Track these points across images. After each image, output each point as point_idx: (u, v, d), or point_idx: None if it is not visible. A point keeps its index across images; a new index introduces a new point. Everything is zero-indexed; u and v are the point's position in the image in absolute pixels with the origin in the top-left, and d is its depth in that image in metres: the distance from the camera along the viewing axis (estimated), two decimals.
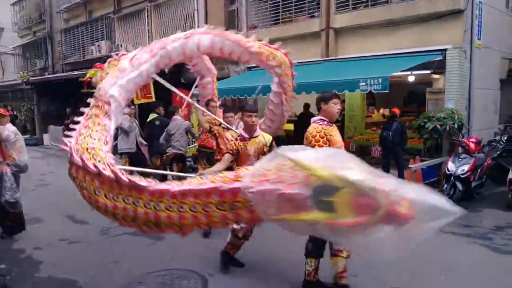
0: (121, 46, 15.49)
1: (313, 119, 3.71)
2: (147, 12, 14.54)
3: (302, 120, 10.16)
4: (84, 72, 14.99)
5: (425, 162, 7.54)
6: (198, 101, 6.43)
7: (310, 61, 9.73)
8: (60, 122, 16.86)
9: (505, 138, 8.05)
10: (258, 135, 4.16)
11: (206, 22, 12.65)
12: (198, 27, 12.62)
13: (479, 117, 8.72)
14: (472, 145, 6.90)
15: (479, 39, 8.42)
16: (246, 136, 4.14)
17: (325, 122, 3.59)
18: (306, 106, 10.92)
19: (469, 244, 5.02)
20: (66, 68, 19.11)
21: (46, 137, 17.81)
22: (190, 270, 4.31)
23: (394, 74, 7.50)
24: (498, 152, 7.75)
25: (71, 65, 18.75)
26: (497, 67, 9.60)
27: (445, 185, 6.76)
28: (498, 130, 9.19)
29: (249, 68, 11.24)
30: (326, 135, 3.46)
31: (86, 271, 4.39)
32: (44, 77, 19.04)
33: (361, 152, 9.69)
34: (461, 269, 4.31)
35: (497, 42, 9.30)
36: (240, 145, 4.09)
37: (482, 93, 8.76)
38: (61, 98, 17.54)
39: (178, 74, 12.43)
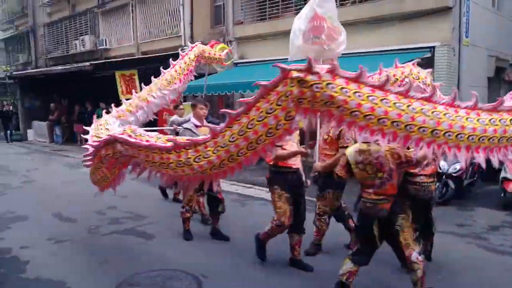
0: (105, 40, 15.24)
1: None
2: (132, 6, 14.33)
3: None
4: (68, 66, 14.78)
5: None
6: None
7: None
8: (44, 117, 16.50)
9: None
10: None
11: (191, 18, 12.51)
12: (183, 22, 12.49)
13: None
14: None
15: (467, 36, 8.49)
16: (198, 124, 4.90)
17: None
18: None
19: (465, 244, 4.97)
20: (50, 63, 18.71)
21: (30, 132, 17.43)
22: (182, 271, 4.19)
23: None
24: None
25: (54, 59, 18.37)
26: (485, 65, 9.71)
27: (437, 184, 6.77)
28: None
29: (236, 64, 11.12)
30: None
31: (75, 271, 4.25)
32: (27, 71, 18.59)
33: None
34: (457, 269, 4.25)
35: (484, 40, 9.40)
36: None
37: (470, 90, 8.82)
38: (45, 94, 17.13)
39: (163, 67, 12.27)
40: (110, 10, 15.46)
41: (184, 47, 9.81)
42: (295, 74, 2.60)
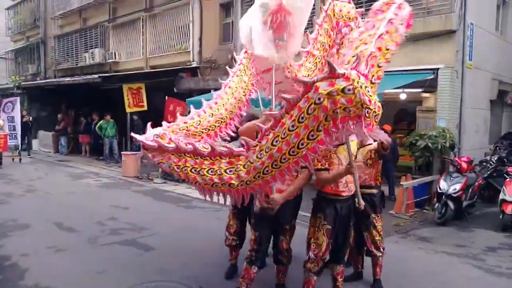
0: (114, 54, 15.53)
1: None
2: (142, 21, 14.62)
3: None
4: (77, 78, 15.00)
5: (416, 180, 7.57)
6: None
7: None
8: (50, 128, 16.67)
9: (495, 158, 8.15)
10: None
11: (201, 34, 12.76)
12: (193, 38, 12.73)
13: (470, 137, 8.84)
14: (464, 165, 6.96)
15: (470, 59, 8.59)
16: None
17: None
18: None
19: (461, 264, 4.99)
20: (58, 74, 19.02)
21: (35, 142, 17.58)
22: (181, 283, 4.21)
23: (386, 91, 7.57)
24: (488, 172, 7.83)
25: (63, 71, 18.67)
26: (487, 88, 9.78)
27: (437, 204, 6.79)
28: (489, 150, 9.31)
29: None
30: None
31: (73, 280, 4.28)
32: (36, 82, 18.91)
33: None
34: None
35: (487, 63, 9.49)
36: None
37: (473, 113, 8.90)
38: (52, 104, 17.37)
39: (171, 84, 12.48)
40: (120, 25, 15.78)
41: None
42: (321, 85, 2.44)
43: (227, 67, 4.75)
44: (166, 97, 10.43)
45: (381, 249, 4.08)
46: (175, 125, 3.71)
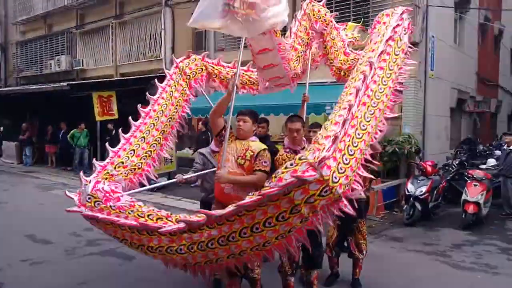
0: (82, 61, 15.23)
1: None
2: (112, 29, 14.44)
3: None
4: (44, 86, 14.52)
5: (385, 183, 7.95)
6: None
7: None
8: (14, 137, 16.03)
9: (457, 162, 8.68)
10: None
11: (173, 42, 12.76)
12: (165, 46, 12.72)
13: (433, 142, 9.36)
14: (429, 168, 7.39)
15: (432, 70, 9.13)
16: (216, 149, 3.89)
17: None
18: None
19: (430, 261, 5.34)
20: (21, 81, 18.38)
21: None
22: None
23: None
24: (451, 175, 8.34)
25: (27, 78, 18.07)
26: (448, 96, 10.41)
27: (405, 206, 7.16)
28: (450, 155, 9.88)
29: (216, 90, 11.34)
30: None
31: None
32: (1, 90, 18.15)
33: None
34: (424, 283, 4.61)
35: (447, 73, 10.11)
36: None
37: (435, 119, 9.44)
38: (14, 113, 16.69)
39: (143, 91, 12.35)
40: (89, 31, 15.52)
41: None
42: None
43: (155, 80, 4.41)
44: (139, 105, 10.33)
45: (364, 252, 4.27)
46: (105, 171, 3.52)
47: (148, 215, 2.94)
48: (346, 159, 2.35)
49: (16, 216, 7.55)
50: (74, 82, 13.51)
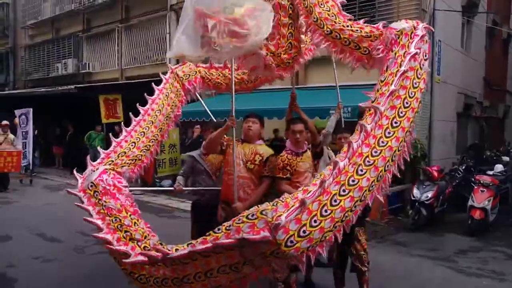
0: (88, 64, 15.36)
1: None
2: (118, 32, 14.56)
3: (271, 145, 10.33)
4: (52, 88, 14.67)
5: (390, 188, 7.88)
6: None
7: (281, 88, 10.01)
8: None
9: (463, 167, 8.60)
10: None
11: None
12: (170, 49, 12.76)
13: (438, 147, 9.29)
14: (435, 173, 7.33)
15: (438, 74, 9.08)
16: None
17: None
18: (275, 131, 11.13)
19: (435, 266, 5.28)
20: (29, 84, 18.57)
21: None
22: None
23: (361, 104, 7.84)
24: (457, 181, 8.25)
25: (34, 81, 18.26)
26: (454, 101, 10.33)
27: (411, 211, 7.10)
28: (456, 160, 9.79)
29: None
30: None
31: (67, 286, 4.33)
32: (5, 92, 18.34)
33: None
34: None
35: (453, 78, 10.04)
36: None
37: (441, 124, 9.37)
38: None
39: (149, 94, 12.41)
40: (95, 35, 15.66)
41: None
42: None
43: (152, 84, 4.57)
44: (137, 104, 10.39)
45: (366, 264, 3.77)
46: (109, 159, 3.71)
47: (125, 231, 3.03)
48: (315, 221, 2.18)
49: (26, 215, 7.68)
50: (81, 85, 13.62)
